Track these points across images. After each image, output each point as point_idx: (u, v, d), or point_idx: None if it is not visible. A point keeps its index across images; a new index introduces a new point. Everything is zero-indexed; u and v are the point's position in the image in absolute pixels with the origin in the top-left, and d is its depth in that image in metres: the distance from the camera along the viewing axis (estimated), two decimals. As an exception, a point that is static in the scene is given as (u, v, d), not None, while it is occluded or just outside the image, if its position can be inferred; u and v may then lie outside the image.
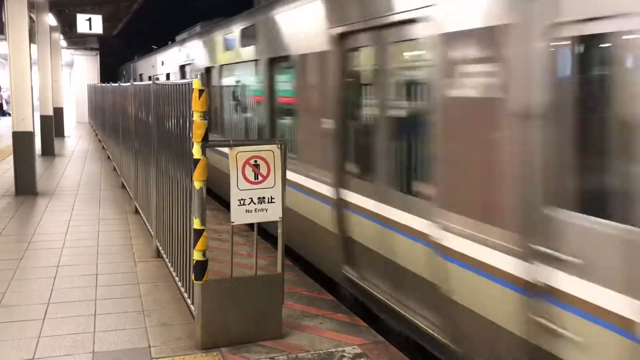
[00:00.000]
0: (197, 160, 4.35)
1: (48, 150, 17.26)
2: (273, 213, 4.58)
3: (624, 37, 2.77)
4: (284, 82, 7.27)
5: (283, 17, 6.93)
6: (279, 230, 4.72)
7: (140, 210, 8.64)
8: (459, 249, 3.79)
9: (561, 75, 3.12)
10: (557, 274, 3.09)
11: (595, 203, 3.01)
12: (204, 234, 4.42)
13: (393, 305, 4.75)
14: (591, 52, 3.10)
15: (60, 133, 22.43)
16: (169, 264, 5.97)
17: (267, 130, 7.61)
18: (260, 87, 7.96)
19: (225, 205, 9.36)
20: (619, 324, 2.79)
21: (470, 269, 3.70)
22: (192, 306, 4.79)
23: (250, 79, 8.73)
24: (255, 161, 4.50)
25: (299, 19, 6.41)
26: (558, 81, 3.11)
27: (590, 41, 3.02)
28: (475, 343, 3.84)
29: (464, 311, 3.81)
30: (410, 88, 4.70)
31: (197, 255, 4.43)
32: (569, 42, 3.06)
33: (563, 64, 3.12)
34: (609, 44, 2.91)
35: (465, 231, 3.74)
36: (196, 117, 4.34)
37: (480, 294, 3.65)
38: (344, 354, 4.41)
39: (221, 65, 10.37)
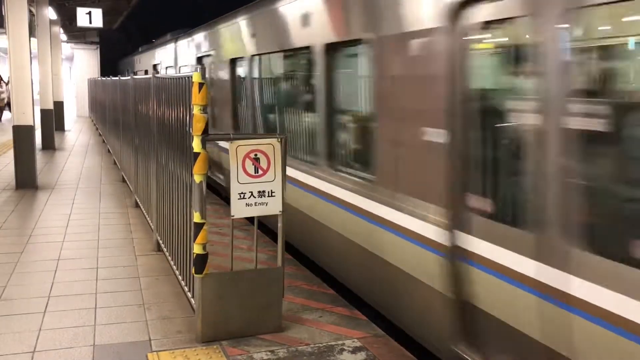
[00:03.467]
0: (197, 154, 4.36)
1: (48, 144, 17.25)
2: (273, 207, 4.59)
3: None
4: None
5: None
6: (279, 224, 4.73)
7: (140, 204, 8.64)
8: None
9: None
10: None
11: None
12: (204, 227, 4.42)
13: None
14: None
15: (60, 127, 22.43)
16: (169, 258, 5.98)
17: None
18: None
19: (225, 199, 9.36)
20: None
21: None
22: (192, 299, 4.81)
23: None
24: (256, 155, 4.51)
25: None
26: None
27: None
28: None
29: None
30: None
31: (197, 249, 4.44)
32: None
33: None
34: None
35: None
36: (196, 110, 4.34)
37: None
38: (344, 347, 4.42)
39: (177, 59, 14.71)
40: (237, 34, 8.94)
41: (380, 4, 4.68)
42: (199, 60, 11.94)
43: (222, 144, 9.17)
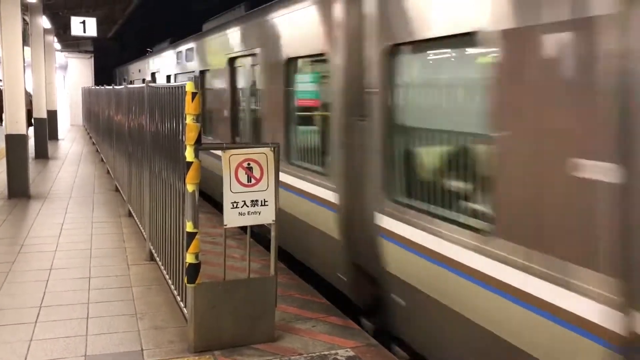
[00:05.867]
0: (189, 163, 4.36)
1: (41, 153, 17.20)
2: (266, 216, 4.59)
3: None
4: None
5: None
6: (272, 233, 4.72)
7: (133, 213, 8.62)
8: None
9: None
10: None
11: None
12: (197, 236, 4.42)
13: None
14: None
15: (54, 136, 22.37)
16: (162, 267, 5.96)
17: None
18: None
19: (220, 208, 9.35)
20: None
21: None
22: (184, 309, 4.79)
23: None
24: (249, 164, 4.51)
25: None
26: None
27: None
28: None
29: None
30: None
31: (189, 258, 4.43)
32: None
33: None
34: None
35: None
36: (189, 119, 4.35)
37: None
38: (337, 356, 4.41)
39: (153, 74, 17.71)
40: None
41: None
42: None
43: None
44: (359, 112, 5.07)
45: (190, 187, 4.38)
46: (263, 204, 4.55)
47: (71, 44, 29.89)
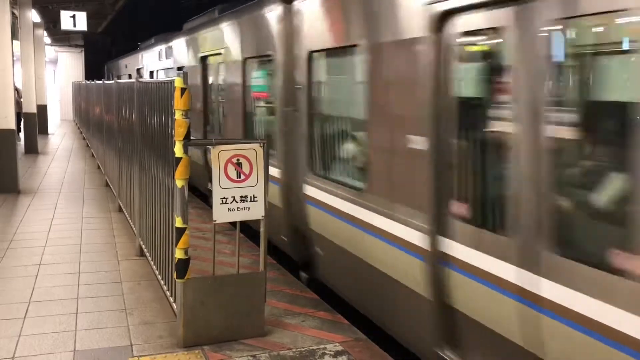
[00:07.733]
0: (179, 159, 4.36)
1: (31, 148, 17.12)
2: (255, 211, 4.60)
3: None
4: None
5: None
6: (261, 229, 4.74)
7: (123, 209, 8.60)
8: None
9: None
10: None
11: None
12: (186, 232, 4.42)
13: None
14: None
15: (44, 131, 22.25)
16: (152, 263, 5.96)
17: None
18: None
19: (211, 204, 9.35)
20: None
21: None
22: (174, 304, 4.80)
23: None
24: (238, 160, 4.52)
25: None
26: None
27: None
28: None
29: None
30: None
31: (178, 254, 4.44)
32: None
33: None
34: None
35: None
36: (178, 115, 4.35)
37: None
38: (326, 351, 4.44)
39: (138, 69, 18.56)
40: None
41: None
42: None
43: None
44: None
45: (179, 183, 4.39)
46: (252, 199, 4.56)
47: (61, 37, 29.68)
